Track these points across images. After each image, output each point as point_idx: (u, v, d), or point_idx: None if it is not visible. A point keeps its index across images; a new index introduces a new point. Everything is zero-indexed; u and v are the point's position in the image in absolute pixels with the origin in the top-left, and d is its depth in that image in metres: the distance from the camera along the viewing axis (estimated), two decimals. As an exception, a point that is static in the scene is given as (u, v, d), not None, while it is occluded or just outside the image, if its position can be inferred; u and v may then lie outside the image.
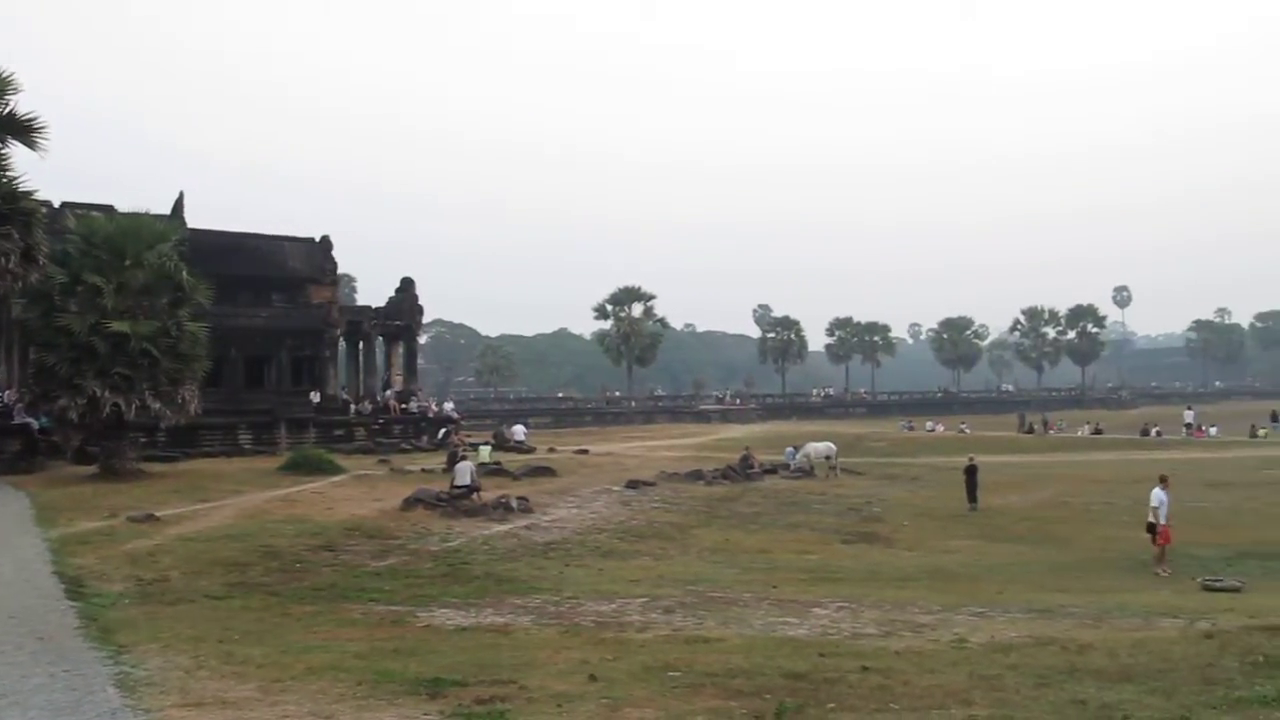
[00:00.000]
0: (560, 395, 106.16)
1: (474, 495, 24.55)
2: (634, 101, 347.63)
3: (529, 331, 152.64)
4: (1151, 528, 19.49)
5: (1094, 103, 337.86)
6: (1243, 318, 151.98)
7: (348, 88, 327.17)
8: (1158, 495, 19.72)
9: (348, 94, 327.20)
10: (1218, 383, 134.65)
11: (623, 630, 11.29)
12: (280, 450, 36.05)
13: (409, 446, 41.94)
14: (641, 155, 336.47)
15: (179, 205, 39.44)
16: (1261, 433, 57.50)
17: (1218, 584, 15.97)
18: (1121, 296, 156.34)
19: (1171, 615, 11.83)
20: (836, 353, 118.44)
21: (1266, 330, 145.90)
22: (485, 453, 35.29)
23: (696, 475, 32.45)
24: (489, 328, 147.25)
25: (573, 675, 8.20)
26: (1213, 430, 60.38)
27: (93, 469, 27.91)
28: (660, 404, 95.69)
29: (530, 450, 42.09)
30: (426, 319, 63.21)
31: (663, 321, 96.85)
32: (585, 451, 41.62)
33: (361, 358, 49.74)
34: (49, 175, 29.61)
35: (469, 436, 44.46)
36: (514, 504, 24.27)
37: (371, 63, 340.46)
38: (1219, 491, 29.32)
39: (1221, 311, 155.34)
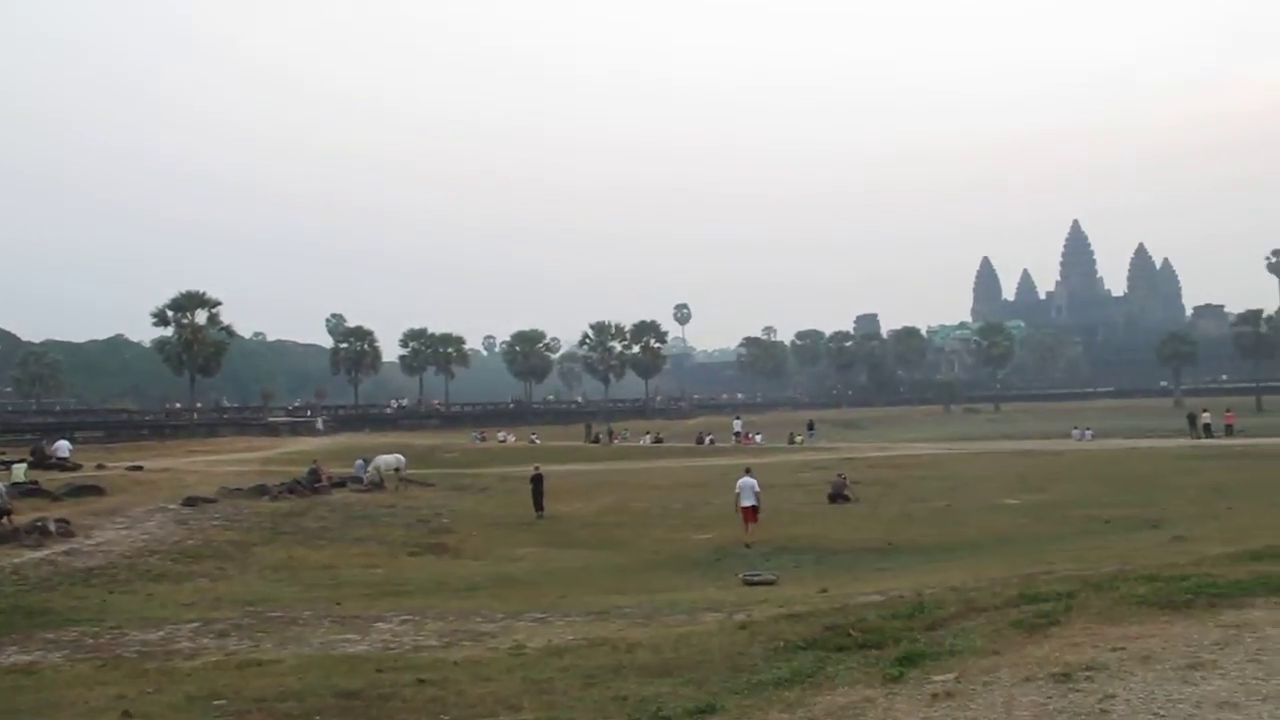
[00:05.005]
0: (114, 407, 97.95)
1: (3, 519, 22.16)
2: (224, 104, 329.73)
3: (80, 337, 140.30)
4: (753, 510, 23.65)
5: (668, 146, 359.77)
6: (786, 335, 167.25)
7: None
8: (748, 482, 23.94)
9: None
10: (759, 396, 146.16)
11: (169, 659, 10.58)
12: None
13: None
14: (210, 156, 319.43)
15: None
16: (799, 440, 63.10)
17: (756, 578, 17.21)
18: (682, 314, 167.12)
19: (714, 610, 12.63)
20: (411, 364, 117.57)
21: (805, 347, 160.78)
22: (20, 471, 31.92)
23: (261, 490, 31.08)
24: (31, 332, 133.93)
25: (105, 713, 7.59)
26: (758, 438, 65.70)
27: None
28: (226, 416, 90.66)
29: (76, 468, 38.54)
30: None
31: (229, 329, 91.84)
32: (140, 468, 38.62)
33: None
34: None
35: (2, 454, 40.06)
36: (52, 527, 22.07)
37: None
38: (761, 493, 31.88)
39: (768, 330, 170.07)
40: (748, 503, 24.04)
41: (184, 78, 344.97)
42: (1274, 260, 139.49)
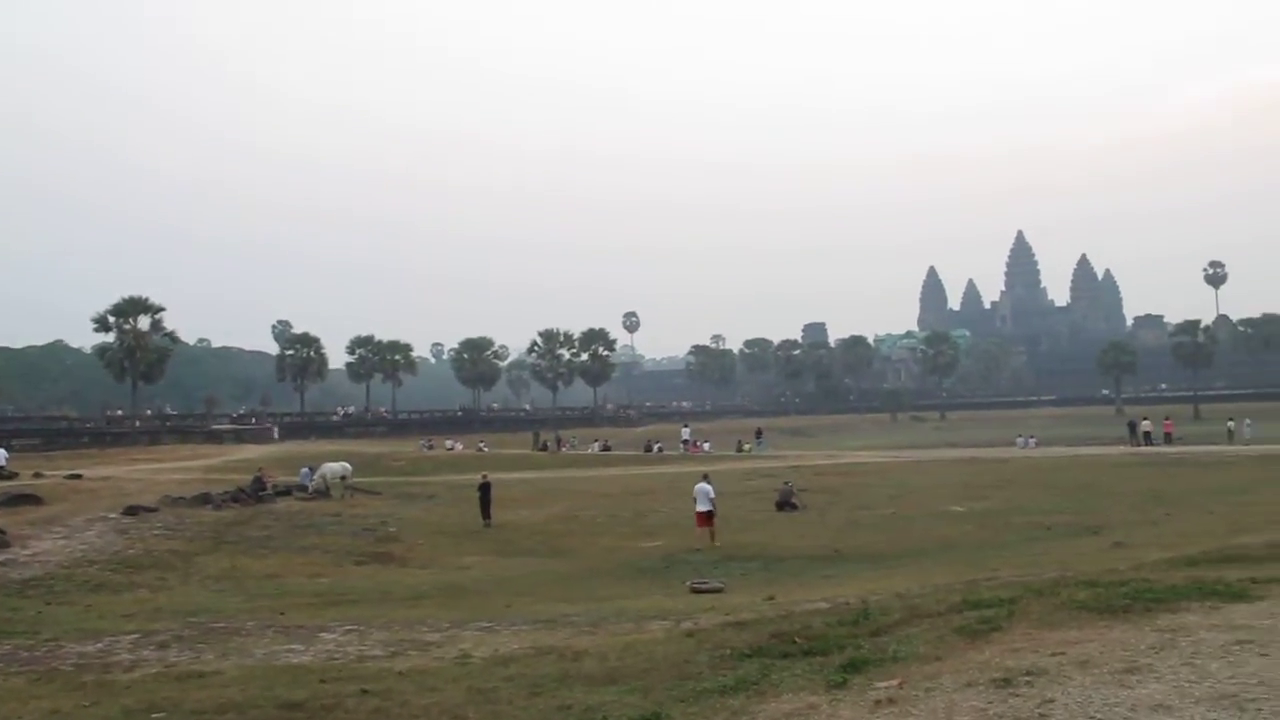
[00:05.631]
0: (54, 414, 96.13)
1: (-64, 529, 21.74)
2: (172, 98, 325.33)
3: (18, 342, 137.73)
4: (709, 515, 24.15)
5: (619, 155, 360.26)
6: (734, 344, 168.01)
7: None
8: (704, 488, 24.45)
9: None
10: (707, 405, 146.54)
11: (107, 671, 10.39)
12: None
13: None
14: (158, 153, 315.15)
15: None
16: (746, 448, 63.28)
17: (704, 586, 17.22)
18: (631, 322, 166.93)
19: (662, 617, 12.62)
20: (358, 371, 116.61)
21: (753, 356, 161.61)
22: (-48, 481, 31.37)
23: (205, 499, 30.66)
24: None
25: (40, 726, 7.44)
26: (706, 446, 65.80)
27: None
28: (169, 424, 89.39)
29: (12, 476, 37.84)
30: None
31: (172, 335, 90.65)
32: (79, 476, 37.95)
33: None
34: None
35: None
36: (-14, 538, 21.74)
37: None
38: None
39: (717, 338, 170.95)
40: (703, 508, 24.37)
41: (131, 68, 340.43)
42: (1211, 272, 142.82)
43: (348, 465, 36.30)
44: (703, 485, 24.90)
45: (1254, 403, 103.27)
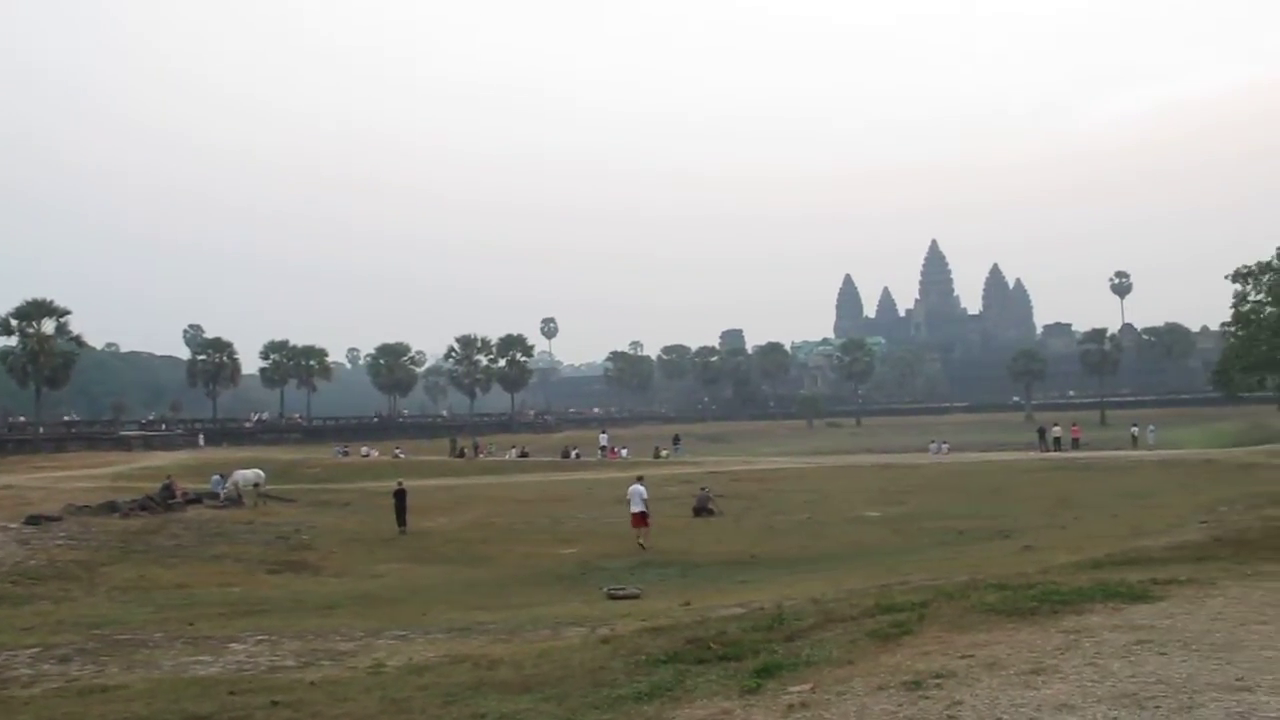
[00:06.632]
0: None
1: None
2: (77, 78, 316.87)
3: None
4: (643, 516, 25.03)
5: (538, 159, 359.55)
6: (653, 350, 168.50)
7: None
8: (638, 490, 25.28)
9: None
10: (625, 411, 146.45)
11: (4, 687, 10.05)
12: None
13: None
14: (63, 136, 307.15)
15: None
16: (664, 454, 63.58)
17: (621, 592, 17.23)
18: (549, 328, 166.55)
19: (578, 624, 12.60)
20: (271, 377, 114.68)
21: (671, 362, 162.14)
22: None
23: (111, 507, 29.97)
24: None
25: (-68, 745, 7.19)
26: (624, 452, 65.94)
27: None
28: (75, 430, 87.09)
29: (-95, 486, 36.67)
30: None
31: (79, 339, 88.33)
32: (-23, 485, 36.95)
33: None
34: None
35: None
36: (-122, 549, 20.98)
37: None
38: (625, 507, 31.83)
39: (635, 344, 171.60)
40: (637, 509, 25.16)
41: (36, 47, 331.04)
42: (1117, 282, 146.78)
43: (260, 472, 35.73)
44: (637, 487, 25.61)
45: (1156, 409, 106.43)
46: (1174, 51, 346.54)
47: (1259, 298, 62.03)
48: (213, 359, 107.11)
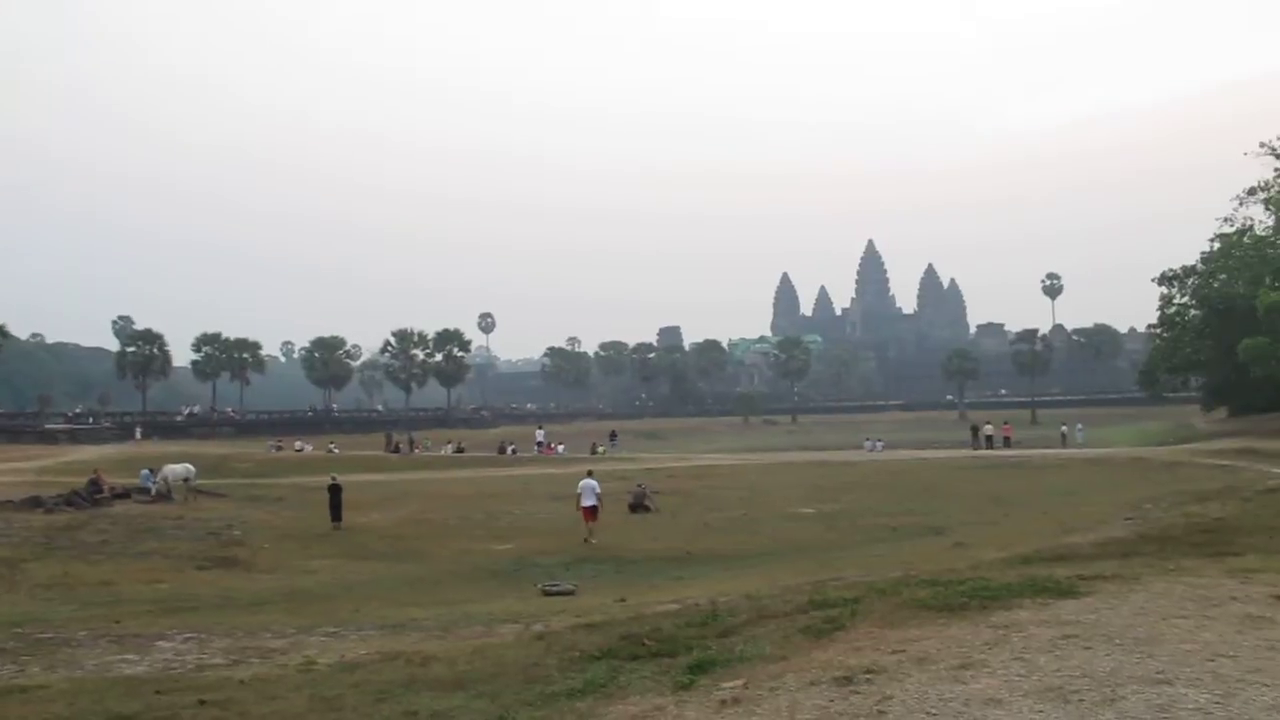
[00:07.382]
0: None
1: None
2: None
3: None
4: (593, 510, 25.39)
5: (476, 153, 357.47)
6: (590, 346, 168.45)
7: None
8: (589, 484, 25.70)
9: None
10: (562, 407, 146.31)
11: (-79, 686, 9.82)
12: None
13: None
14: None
15: None
16: (601, 450, 63.57)
17: (555, 589, 17.23)
18: (486, 323, 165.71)
19: (513, 621, 12.55)
20: (203, 370, 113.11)
21: (608, 359, 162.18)
22: None
23: (35, 502, 29.33)
24: None
25: None
26: (561, 448, 65.84)
27: None
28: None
29: None
30: None
31: (2, 330, 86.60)
32: (-106, 479, 35.96)
33: None
34: None
35: None
36: None
37: None
38: (561, 503, 31.82)
39: (572, 340, 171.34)
40: (588, 502, 25.49)
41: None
42: (1048, 284, 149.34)
43: (191, 467, 35.13)
44: (588, 481, 26.05)
45: (1085, 408, 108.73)
46: (1104, 65, 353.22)
47: (1183, 300, 63.76)
48: (143, 351, 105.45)
